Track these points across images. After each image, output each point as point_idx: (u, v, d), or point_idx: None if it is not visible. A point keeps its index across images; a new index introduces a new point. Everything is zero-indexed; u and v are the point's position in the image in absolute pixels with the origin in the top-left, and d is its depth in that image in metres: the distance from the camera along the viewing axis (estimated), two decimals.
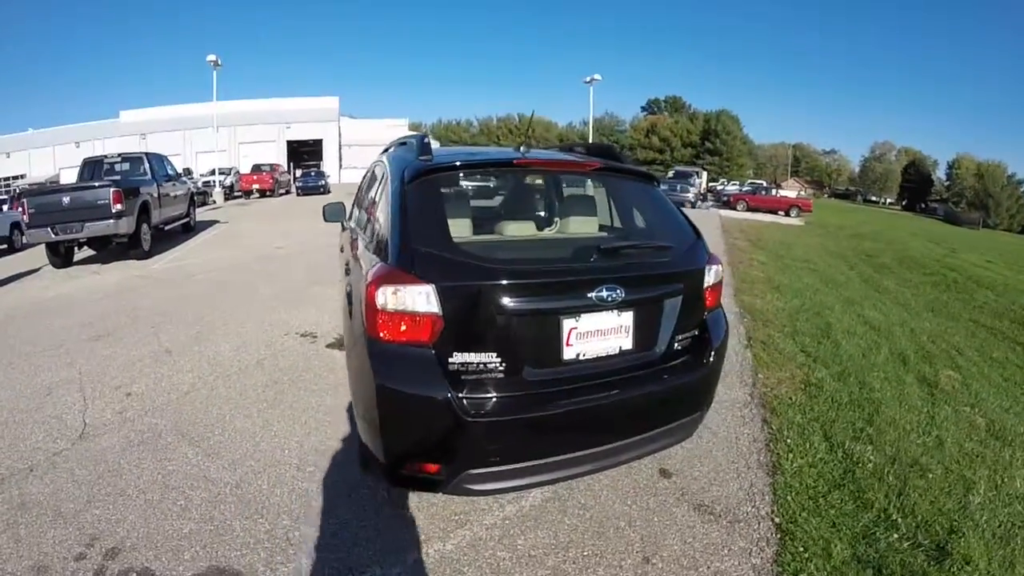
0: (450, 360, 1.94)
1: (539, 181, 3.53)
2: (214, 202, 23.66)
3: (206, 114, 28.81)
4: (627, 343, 2.23)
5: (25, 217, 9.24)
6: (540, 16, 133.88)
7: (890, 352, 5.38)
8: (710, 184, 42.03)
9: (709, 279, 2.52)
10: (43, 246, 9.80)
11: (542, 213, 3.49)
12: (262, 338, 5.28)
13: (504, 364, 1.98)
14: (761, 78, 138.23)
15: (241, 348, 5.01)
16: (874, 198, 74.59)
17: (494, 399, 1.98)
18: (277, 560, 2.22)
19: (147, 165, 11.35)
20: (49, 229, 9.20)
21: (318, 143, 41.11)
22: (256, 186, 26.39)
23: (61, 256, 10.03)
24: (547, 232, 3.00)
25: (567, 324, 2.08)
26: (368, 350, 1.99)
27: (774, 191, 30.19)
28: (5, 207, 14.38)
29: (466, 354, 1.95)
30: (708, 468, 3.01)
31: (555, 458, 2.07)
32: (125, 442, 3.35)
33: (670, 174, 30.33)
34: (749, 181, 41.23)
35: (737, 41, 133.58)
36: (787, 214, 26.19)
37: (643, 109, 73.51)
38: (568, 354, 2.10)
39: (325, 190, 26.99)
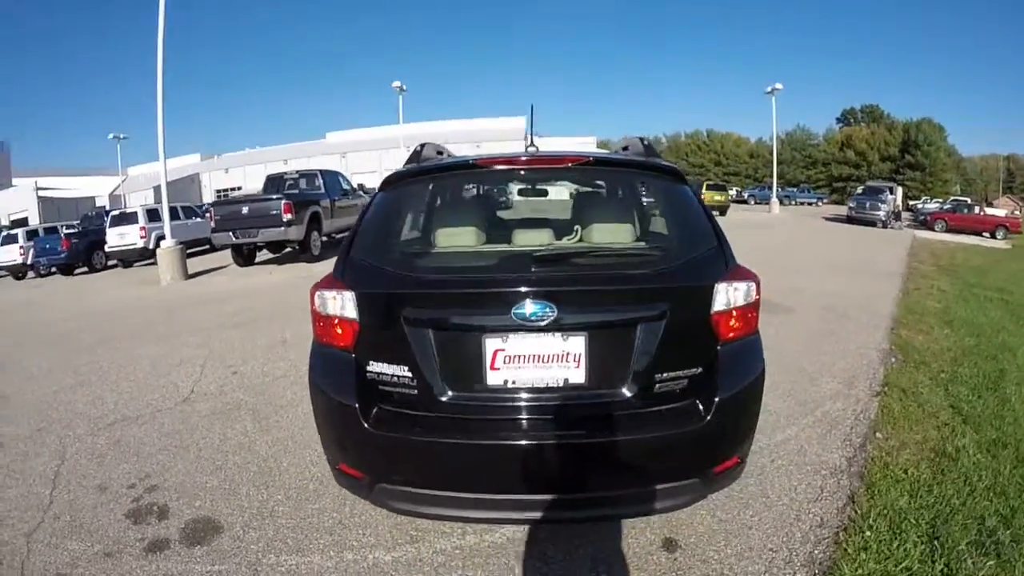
0: (368, 369, 1.99)
1: (553, 187, 3.51)
2: None
3: (397, 135, 33.20)
4: (577, 376, 1.92)
5: (212, 223, 11.75)
6: (722, 26, 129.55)
7: None
8: (909, 202, 38.27)
9: (724, 301, 2.01)
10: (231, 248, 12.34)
11: (551, 220, 3.27)
12: None
13: (416, 380, 1.93)
14: (969, 81, 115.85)
15: None
16: None
17: (405, 415, 1.97)
18: (252, 524, 2.57)
19: (320, 181, 13.73)
20: (231, 233, 11.68)
21: None
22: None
23: (243, 257, 12.64)
24: (561, 241, 2.57)
25: (491, 344, 1.90)
26: (311, 349, 2.20)
27: (978, 210, 27.79)
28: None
29: (382, 364, 1.97)
30: (732, 551, 2.33)
31: (488, 496, 1.93)
32: (210, 410, 4.12)
33: (859, 190, 27.96)
34: (952, 198, 35.52)
35: (941, 39, 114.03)
36: (992, 236, 23.72)
37: (838, 121, 67.13)
38: (494, 379, 1.92)
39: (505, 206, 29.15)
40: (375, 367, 1.98)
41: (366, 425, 1.93)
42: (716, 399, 1.94)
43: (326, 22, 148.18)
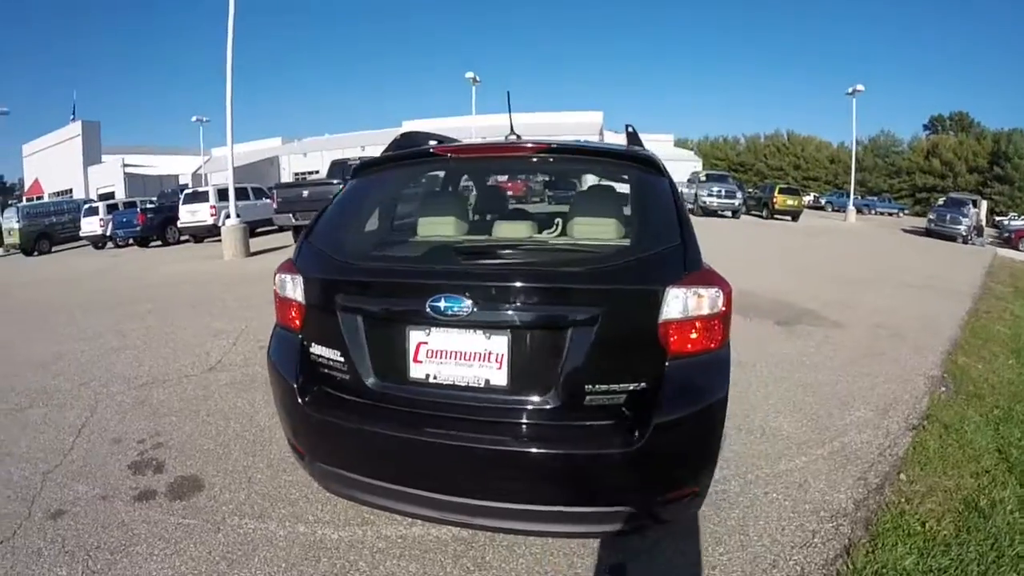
0: (311, 351, 2.11)
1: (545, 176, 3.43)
2: None
3: (470, 126, 33.91)
4: (499, 378, 1.86)
5: (274, 204, 12.53)
6: (807, 22, 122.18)
7: None
8: (995, 217, 35.07)
9: (677, 308, 1.82)
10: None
11: (528, 213, 3.14)
12: None
13: (347, 366, 2.01)
14: None
15: None
16: None
17: (335, 398, 2.05)
18: (230, 487, 2.81)
19: None
20: (291, 215, 12.37)
21: None
22: (510, 192, 30.30)
23: None
24: (541, 235, 2.53)
25: (414, 336, 1.92)
26: (273, 327, 2.37)
27: None
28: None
29: (321, 347, 2.08)
30: None
31: (408, 489, 1.92)
32: (230, 379, 4.47)
33: (940, 201, 26.05)
34: None
35: None
36: None
37: (925, 128, 62.84)
38: (416, 372, 1.93)
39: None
40: (316, 349, 2.09)
41: (301, 403, 2.05)
42: (654, 421, 1.75)
43: (406, 13, 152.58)
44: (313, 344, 2.11)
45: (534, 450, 1.80)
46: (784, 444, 3.32)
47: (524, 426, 1.86)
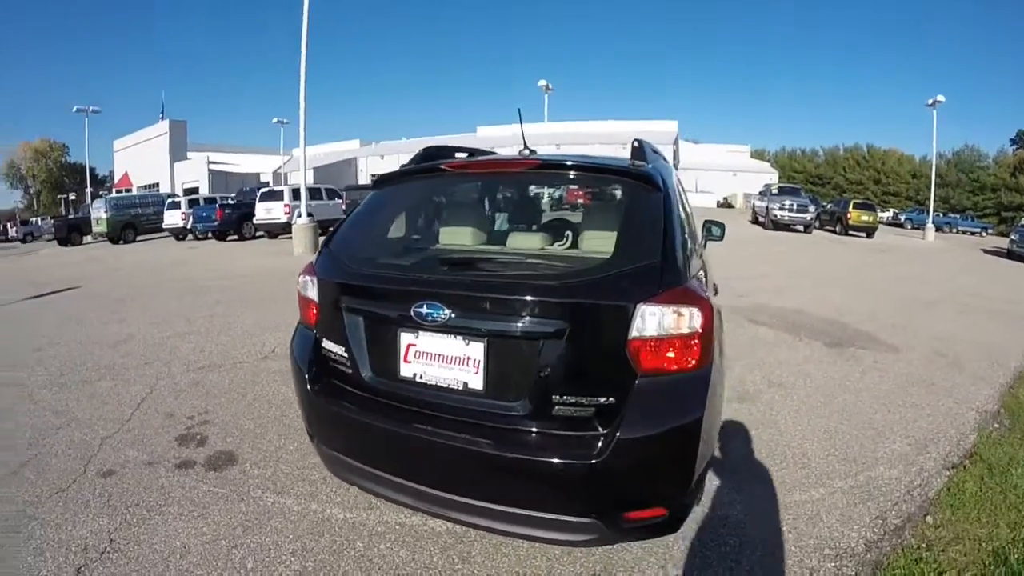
0: (322, 345, 2.34)
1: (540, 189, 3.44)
2: None
3: (543, 133, 34.34)
4: (476, 382, 1.98)
5: (343, 204, 13.22)
6: (890, 31, 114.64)
7: None
8: None
9: (650, 326, 1.84)
10: None
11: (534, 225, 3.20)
12: None
13: (349, 360, 2.21)
14: None
15: None
16: None
17: (340, 389, 2.26)
18: (259, 464, 3.10)
19: None
20: None
21: None
22: (580, 201, 30.68)
23: None
24: (552, 247, 2.67)
25: (404, 338, 2.09)
26: (298, 322, 2.61)
27: None
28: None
29: (329, 343, 2.30)
30: None
31: (400, 480, 2.07)
32: (280, 368, 4.83)
33: (1023, 221, 24.44)
34: None
35: None
36: None
37: (1012, 143, 58.11)
38: (406, 371, 2.09)
39: None
40: (326, 344, 2.32)
41: (310, 390, 2.29)
42: (617, 436, 1.80)
43: (483, 20, 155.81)
44: (324, 339, 2.33)
45: (502, 453, 1.89)
46: (804, 473, 3.17)
47: (496, 429, 1.96)
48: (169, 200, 23.88)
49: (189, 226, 21.56)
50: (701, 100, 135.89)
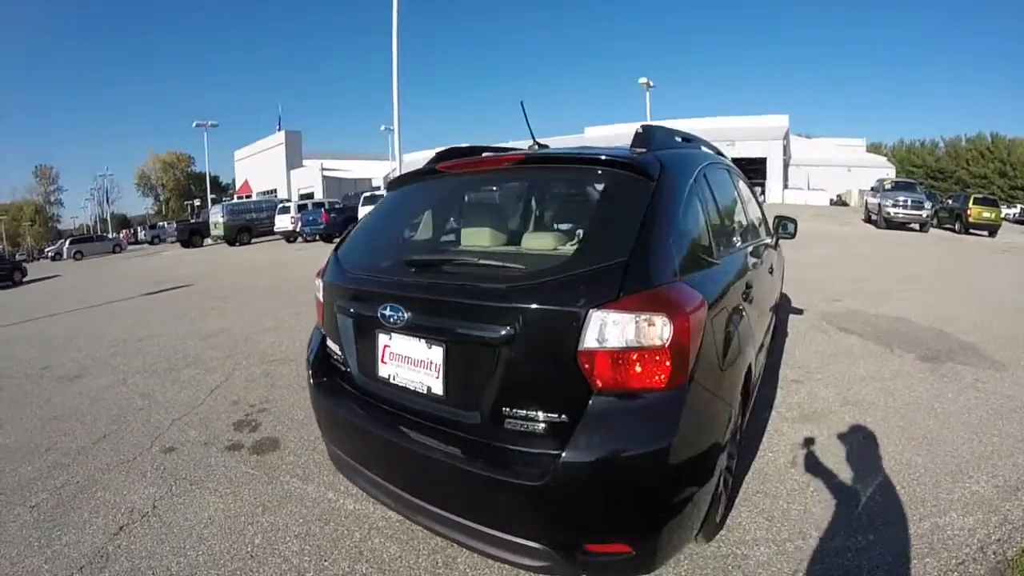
0: (327, 344, 2.50)
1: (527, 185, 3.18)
2: None
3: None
4: (437, 387, 1.95)
5: None
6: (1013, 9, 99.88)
7: None
8: None
9: (602, 336, 1.66)
10: None
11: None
12: None
13: (343, 359, 2.33)
14: None
15: None
16: None
17: (336, 385, 2.39)
18: (297, 452, 3.38)
19: None
20: None
21: (762, 162, 42.89)
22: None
23: None
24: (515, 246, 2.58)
25: (381, 339, 2.13)
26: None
27: None
28: None
29: (330, 341, 2.45)
30: None
31: (387, 484, 2.10)
32: None
33: None
34: None
35: None
36: None
37: None
38: (383, 371, 2.14)
39: None
40: (329, 343, 2.48)
41: (312, 384, 2.49)
42: (563, 459, 1.65)
43: (584, 20, 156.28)
44: (327, 339, 2.52)
45: (456, 464, 1.83)
46: (852, 515, 2.64)
47: (454, 438, 1.91)
48: (280, 205, 26.01)
49: (298, 229, 23.37)
50: (814, 92, 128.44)
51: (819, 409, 3.91)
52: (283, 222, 24.29)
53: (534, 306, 1.75)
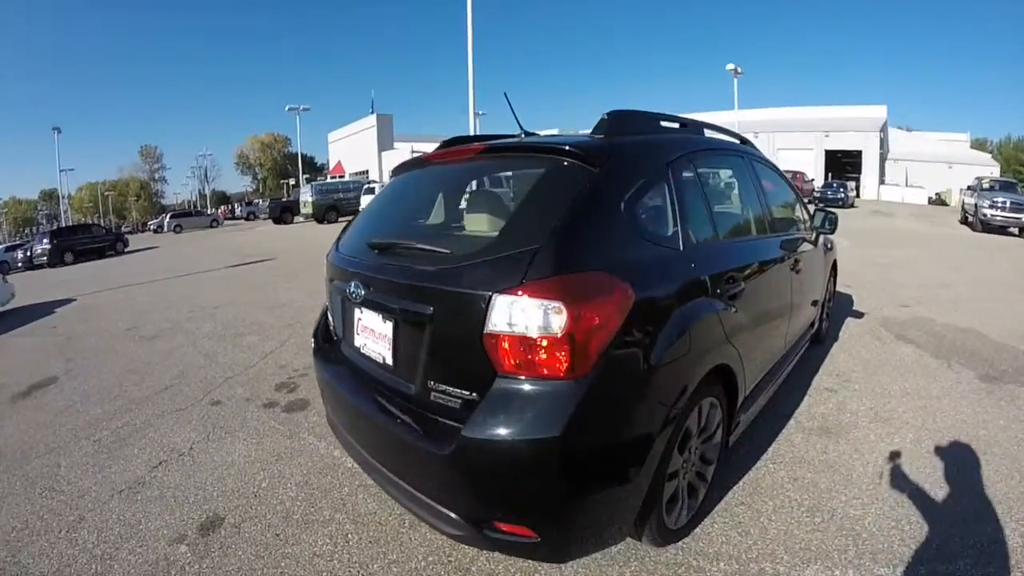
0: (327, 315, 2.84)
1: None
2: None
3: (732, 120, 32.81)
4: (388, 357, 2.18)
5: None
6: None
7: None
8: None
9: (503, 320, 1.74)
10: None
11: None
12: None
13: (335, 330, 2.67)
14: None
15: None
16: None
17: (329, 353, 2.68)
18: (323, 411, 3.76)
19: None
20: None
21: (857, 155, 40.49)
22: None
23: None
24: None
25: (356, 312, 2.37)
26: None
27: None
28: None
29: (329, 314, 2.78)
30: None
31: (354, 443, 2.39)
32: None
33: None
34: None
35: None
36: None
37: None
38: (357, 341, 2.39)
39: (845, 204, 26.32)
40: (328, 315, 2.82)
41: (313, 348, 2.84)
42: (461, 433, 1.76)
43: (671, 8, 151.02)
44: (328, 311, 2.86)
45: (393, 429, 2.04)
46: (833, 544, 2.34)
47: (397, 405, 2.11)
48: (365, 186, 27.21)
49: None
50: (915, 83, 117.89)
51: (843, 423, 3.53)
52: (367, 201, 25.21)
53: (452, 288, 1.88)
